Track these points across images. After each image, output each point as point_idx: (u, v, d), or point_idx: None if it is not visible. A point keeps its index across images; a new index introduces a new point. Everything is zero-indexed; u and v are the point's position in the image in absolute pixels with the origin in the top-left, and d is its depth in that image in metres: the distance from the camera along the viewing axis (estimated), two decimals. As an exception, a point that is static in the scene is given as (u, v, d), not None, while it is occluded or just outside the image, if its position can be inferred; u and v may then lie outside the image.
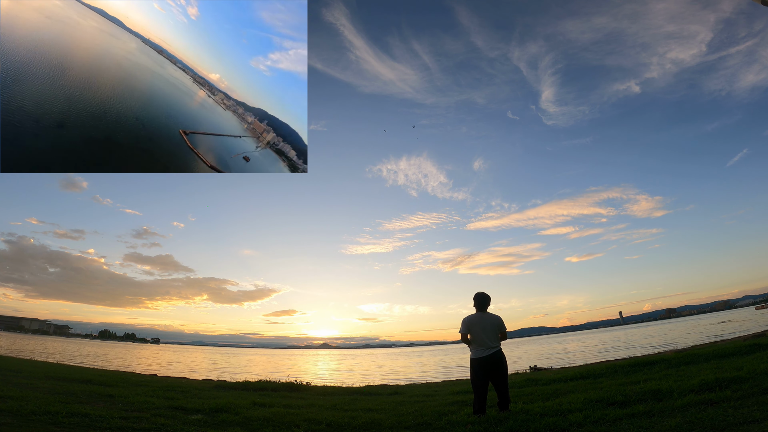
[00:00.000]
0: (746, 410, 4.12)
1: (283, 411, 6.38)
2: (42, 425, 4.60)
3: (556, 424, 4.58)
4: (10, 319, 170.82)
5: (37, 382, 8.58)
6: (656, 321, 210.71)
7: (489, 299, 5.44)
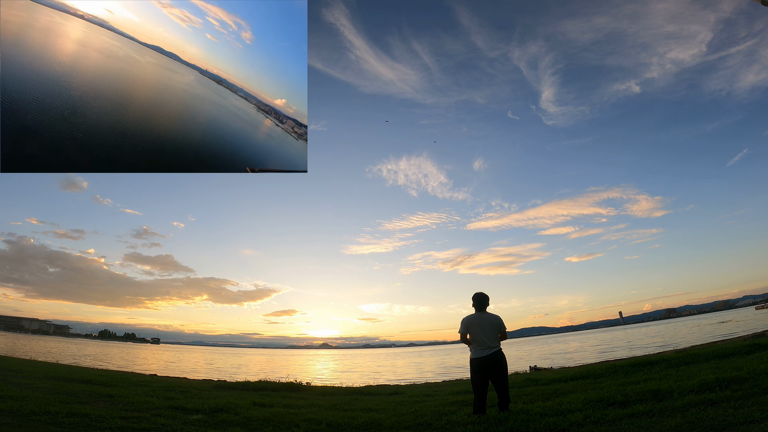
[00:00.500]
0: (746, 410, 4.11)
1: (283, 411, 6.38)
2: (42, 425, 4.60)
3: (556, 424, 4.58)
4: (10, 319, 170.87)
5: (37, 382, 8.58)
6: (656, 321, 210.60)
7: (488, 299, 5.44)
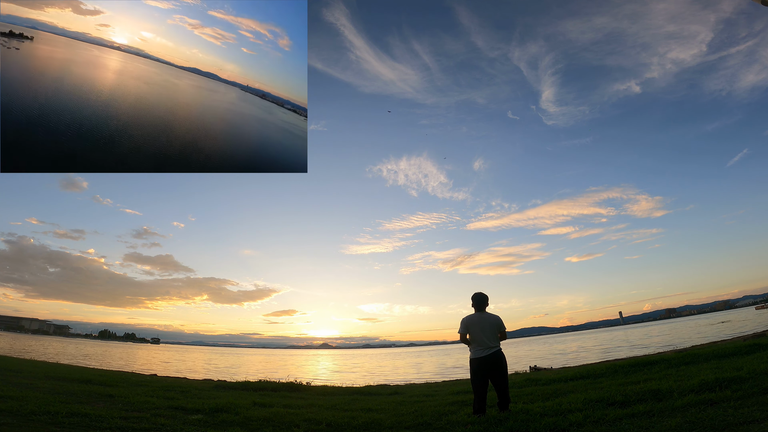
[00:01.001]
0: (746, 410, 4.11)
1: (283, 411, 6.38)
2: (42, 425, 4.60)
3: (556, 424, 4.58)
4: (10, 319, 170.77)
5: (37, 382, 8.58)
6: (656, 321, 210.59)
7: (487, 299, 5.44)
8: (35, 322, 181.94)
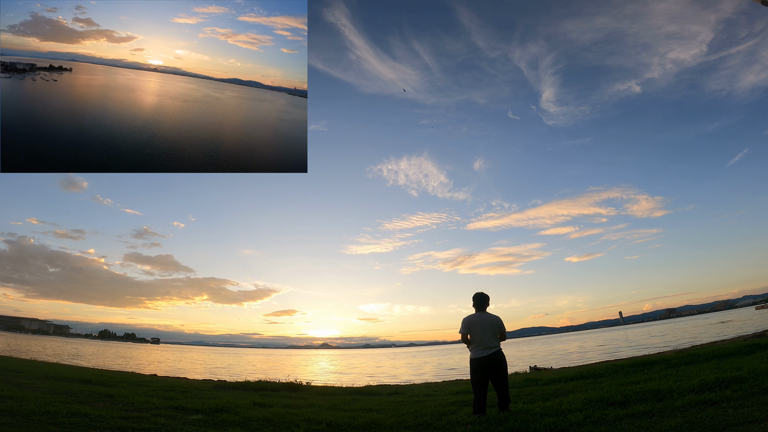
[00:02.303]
0: (746, 410, 4.11)
1: (283, 411, 6.38)
2: (42, 425, 4.60)
3: (556, 424, 4.58)
4: (10, 319, 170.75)
5: (37, 382, 8.58)
6: (656, 321, 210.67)
7: (488, 299, 5.45)
8: (35, 322, 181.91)
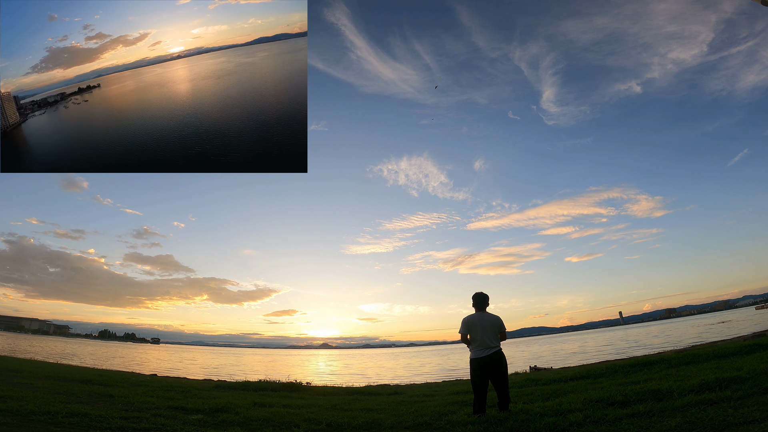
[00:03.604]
0: (746, 410, 4.11)
1: (283, 411, 6.38)
2: (42, 425, 4.60)
3: (556, 424, 4.58)
4: (10, 319, 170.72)
5: (37, 382, 8.57)
6: (656, 321, 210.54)
7: (487, 299, 5.45)
8: (35, 322, 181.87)
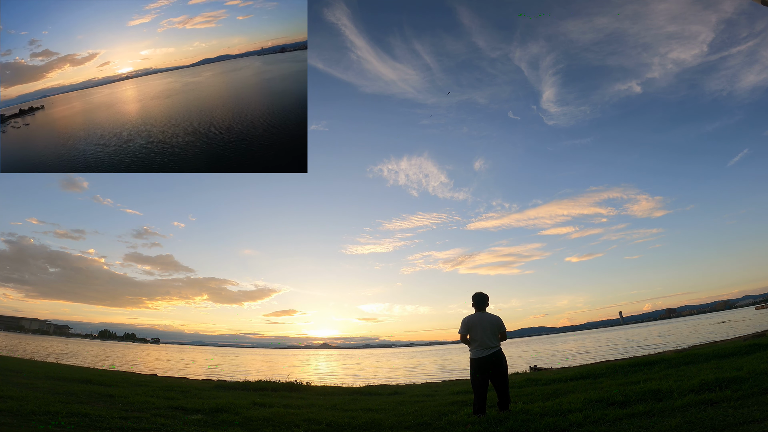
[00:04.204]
0: (746, 410, 4.11)
1: (283, 411, 6.38)
2: (42, 425, 4.59)
3: (556, 424, 4.58)
4: (10, 319, 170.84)
5: (37, 382, 8.57)
6: (656, 321, 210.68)
7: (487, 299, 5.45)
8: (35, 322, 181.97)
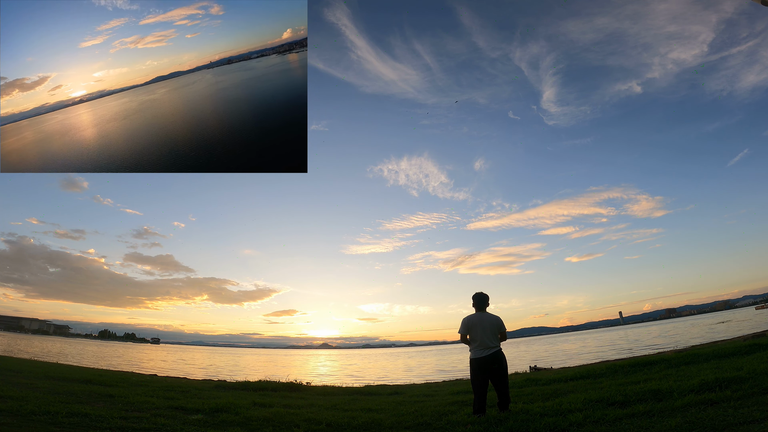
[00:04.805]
0: (746, 410, 4.11)
1: (283, 411, 6.38)
2: (42, 425, 4.59)
3: (556, 424, 4.58)
4: (10, 319, 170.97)
5: (37, 382, 8.57)
6: (656, 321, 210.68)
7: (487, 299, 5.44)
8: (35, 322, 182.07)
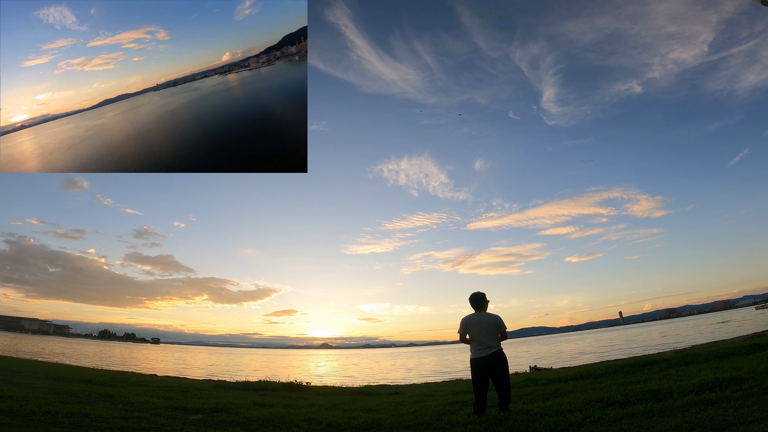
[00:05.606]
0: (746, 410, 4.11)
1: (283, 411, 6.38)
2: (42, 425, 4.59)
3: (556, 424, 4.58)
4: (10, 319, 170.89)
5: (37, 382, 8.57)
6: (656, 321, 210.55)
7: (484, 297, 5.42)
8: (35, 322, 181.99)
